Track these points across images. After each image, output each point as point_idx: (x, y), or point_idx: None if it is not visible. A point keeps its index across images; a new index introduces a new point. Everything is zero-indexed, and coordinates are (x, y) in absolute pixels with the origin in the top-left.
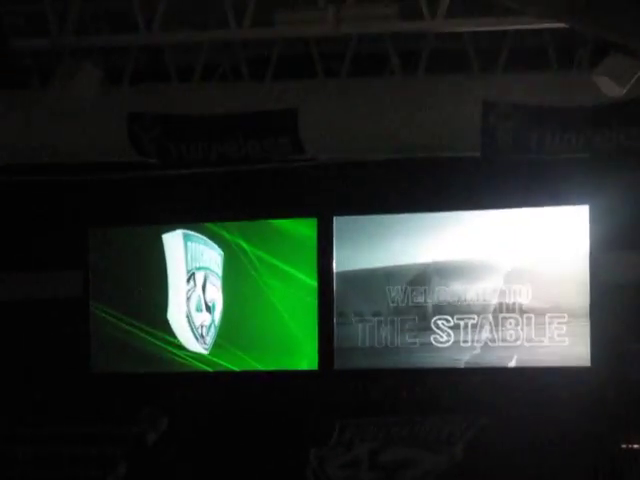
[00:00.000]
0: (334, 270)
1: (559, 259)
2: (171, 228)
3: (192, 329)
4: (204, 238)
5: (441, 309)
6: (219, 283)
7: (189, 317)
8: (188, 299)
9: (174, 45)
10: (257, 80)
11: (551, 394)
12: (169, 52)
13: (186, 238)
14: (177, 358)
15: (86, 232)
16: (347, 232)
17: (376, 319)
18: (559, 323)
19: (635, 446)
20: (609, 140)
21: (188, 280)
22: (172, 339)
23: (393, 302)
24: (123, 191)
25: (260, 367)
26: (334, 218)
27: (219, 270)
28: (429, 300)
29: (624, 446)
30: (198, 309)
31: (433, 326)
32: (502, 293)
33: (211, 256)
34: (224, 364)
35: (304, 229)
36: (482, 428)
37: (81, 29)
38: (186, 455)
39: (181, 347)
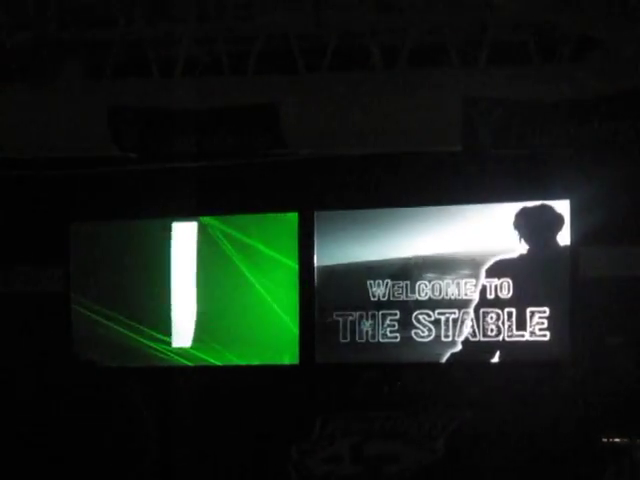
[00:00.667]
0: (315, 265)
1: (540, 253)
2: (152, 222)
3: (171, 323)
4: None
5: (422, 304)
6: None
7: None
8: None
9: (155, 39)
10: (238, 74)
11: (532, 389)
12: (150, 46)
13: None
14: (158, 353)
15: (67, 227)
16: (328, 227)
17: (357, 314)
18: (540, 317)
19: (616, 440)
20: (590, 134)
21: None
22: (154, 333)
23: (374, 297)
24: (103, 186)
25: (240, 362)
26: (315, 213)
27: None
28: (410, 295)
29: (605, 440)
30: (178, 301)
31: (414, 321)
32: (483, 288)
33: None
34: (204, 358)
35: (284, 227)
36: (463, 422)
37: (62, 23)
38: (166, 450)
39: (163, 341)
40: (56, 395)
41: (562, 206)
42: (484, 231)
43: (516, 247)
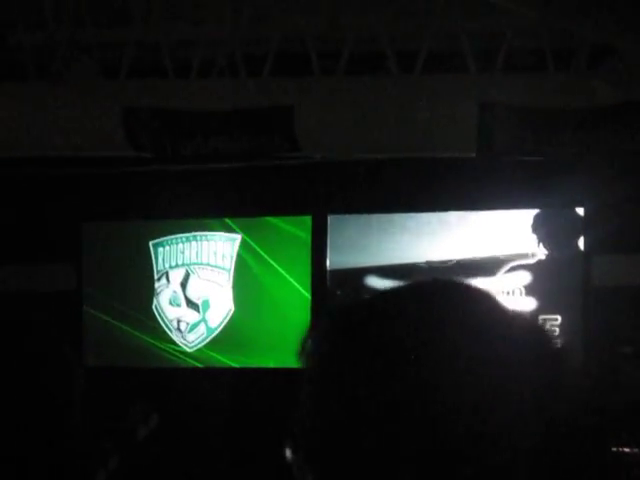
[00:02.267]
0: (327, 268)
1: (553, 261)
2: (156, 234)
3: (165, 323)
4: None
5: None
6: (219, 277)
7: (159, 311)
8: (157, 295)
9: (171, 40)
10: (253, 77)
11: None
12: (166, 47)
13: (155, 246)
14: (167, 354)
15: (80, 226)
16: (341, 231)
17: None
18: (552, 325)
19: (626, 450)
20: (605, 142)
21: (159, 279)
22: (163, 335)
23: None
24: (118, 186)
25: (254, 364)
26: (328, 216)
27: (221, 262)
28: None
29: (615, 450)
30: (173, 303)
31: None
32: (495, 294)
33: (213, 249)
34: (217, 360)
35: (298, 230)
36: None
37: (78, 23)
38: (177, 451)
39: (172, 342)
40: None
41: (577, 213)
42: (497, 237)
43: (529, 254)
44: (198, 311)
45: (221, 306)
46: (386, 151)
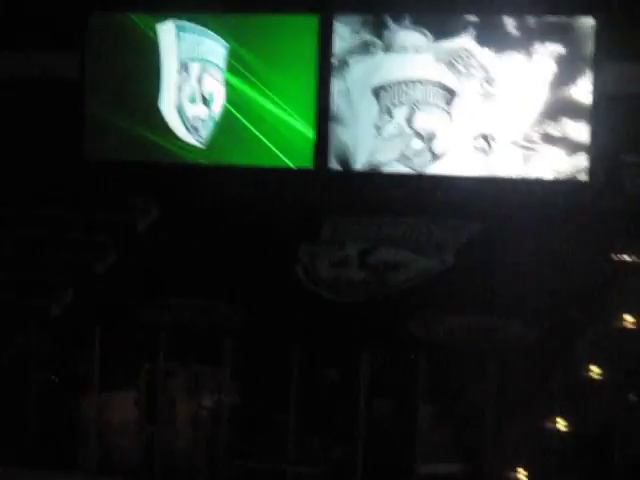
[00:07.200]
0: (333, 68)
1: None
2: (165, 18)
3: (183, 121)
4: (204, 30)
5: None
6: (220, 76)
7: (180, 109)
8: (180, 90)
9: None
10: None
11: (547, 206)
12: None
13: (179, 29)
14: (172, 149)
15: (87, 16)
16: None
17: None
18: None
19: (625, 256)
20: None
21: (180, 71)
22: (166, 130)
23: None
24: None
25: (256, 163)
26: (335, 16)
27: (221, 63)
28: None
29: (614, 257)
30: (192, 101)
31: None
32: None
33: (212, 48)
34: (220, 158)
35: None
36: (473, 235)
37: None
38: (175, 244)
39: (176, 138)
40: None
41: (586, 23)
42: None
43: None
44: (209, 107)
45: (220, 102)
46: None
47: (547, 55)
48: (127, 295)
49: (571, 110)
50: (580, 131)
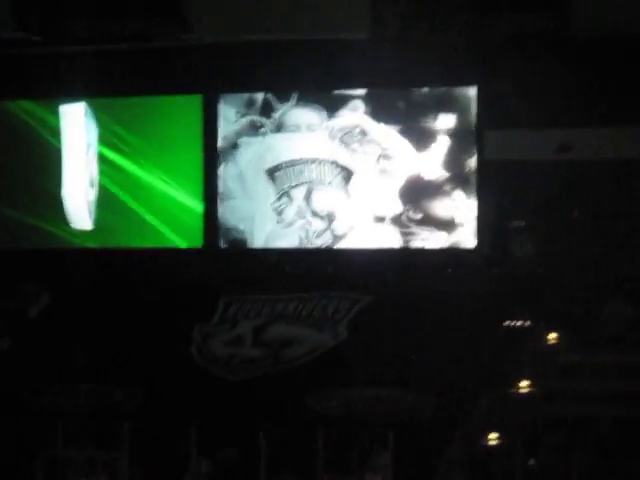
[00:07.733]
0: (219, 147)
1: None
2: (61, 101)
3: (87, 204)
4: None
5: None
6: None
7: (84, 192)
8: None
9: None
10: None
11: (437, 274)
12: None
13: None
14: (60, 234)
15: None
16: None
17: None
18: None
19: (517, 324)
20: (497, 24)
21: (77, 155)
22: (57, 216)
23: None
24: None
25: (144, 244)
26: (220, 96)
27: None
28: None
29: (507, 324)
30: (90, 184)
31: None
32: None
33: (94, 130)
34: (108, 240)
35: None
36: (366, 306)
37: None
38: (69, 330)
39: (66, 223)
40: None
41: (470, 92)
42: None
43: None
44: (94, 188)
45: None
46: (279, 32)
47: (436, 126)
48: (19, 382)
49: (459, 179)
50: (468, 199)
